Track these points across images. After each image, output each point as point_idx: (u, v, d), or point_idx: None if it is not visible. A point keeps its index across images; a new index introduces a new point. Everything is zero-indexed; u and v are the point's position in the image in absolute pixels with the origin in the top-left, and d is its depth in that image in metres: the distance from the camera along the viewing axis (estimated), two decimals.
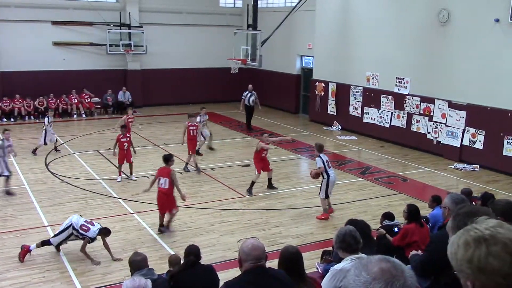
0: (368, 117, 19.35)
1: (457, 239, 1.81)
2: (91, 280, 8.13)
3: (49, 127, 15.87)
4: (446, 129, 16.23)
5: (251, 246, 3.78)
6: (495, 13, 14.39)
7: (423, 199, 11.74)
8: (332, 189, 11.02)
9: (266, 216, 11.12)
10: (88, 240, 8.64)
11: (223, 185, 13.22)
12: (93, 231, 8.62)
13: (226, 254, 9.03)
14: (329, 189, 10.83)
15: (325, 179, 10.76)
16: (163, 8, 24.61)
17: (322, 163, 10.75)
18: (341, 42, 20.18)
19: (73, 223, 8.67)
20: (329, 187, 10.80)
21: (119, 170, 13.44)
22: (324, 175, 10.76)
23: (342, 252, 4.74)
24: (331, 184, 10.87)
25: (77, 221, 8.71)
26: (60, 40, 22.89)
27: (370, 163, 15.69)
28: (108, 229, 8.94)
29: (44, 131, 15.84)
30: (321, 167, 10.76)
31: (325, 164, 10.76)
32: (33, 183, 13.07)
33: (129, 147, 13.48)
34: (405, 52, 17.43)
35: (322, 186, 10.84)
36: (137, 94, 23.97)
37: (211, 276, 5.91)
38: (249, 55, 19.06)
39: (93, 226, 8.69)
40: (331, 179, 10.79)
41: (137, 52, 23.95)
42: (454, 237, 1.86)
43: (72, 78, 22.82)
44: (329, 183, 10.76)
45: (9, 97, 21.54)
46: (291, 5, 22.60)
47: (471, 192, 8.80)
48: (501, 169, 14.61)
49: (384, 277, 1.69)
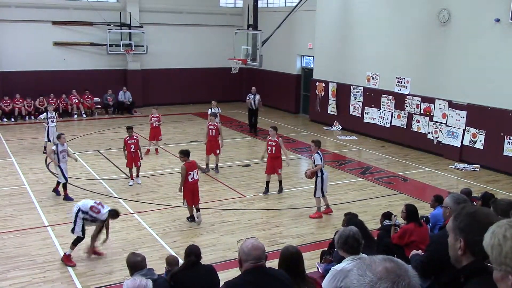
0: (369, 117, 19.35)
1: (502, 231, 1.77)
2: (91, 280, 8.13)
3: (51, 123, 15.77)
4: (446, 129, 16.22)
5: (251, 246, 3.78)
6: (496, 13, 14.38)
7: (423, 199, 11.75)
8: (327, 187, 11.02)
9: (266, 216, 11.12)
10: (100, 224, 8.69)
11: (223, 185, 13.22)
12: (103, 213, 8.67)
13: (227, 254, 9.03)
14: (324, 186, 10.82)
15: (320, 177, 10.76)
16: (164, 8, 24.61)
17: (321, 160, 10.72)
18: (342, 42, 20.18)
19: (80, 207, 8.70)
20: (324, 184, 10.81)
21: (130, 174, 13.20)
22: (319, 173, 10.76)
23: (343, 252, 4.75)
24: (326, 182, 10.89)
25: (85, 204, 8.75)
26: (60, 40, 22.90)
27: (370, 163, 15.69)
28: (118, 211, 8.98)
29: (46, 128, 15.82)
30: (319, 164, 10.74)
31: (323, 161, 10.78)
32: (33, 183, 13.07)
33: (136, 149, 12.98)
34: (406, 52, 17.43)
35: (317, 184, 10.81)
36: (137, 94, 23.97)
37: (211, 276, 5.91)
38: (249, 55, 19.04)
39: (103, 208, 8.75)
40: (325, 176, 10.83)
41: (138, 52, 23.96)
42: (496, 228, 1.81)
43: (73, 78, 22.83)
44: (323, 180, 10.78)
45: (10, 97, 21.54)
46: (291, 5, 22.59)
47: (471, 192, 8.79)
48: (501, 169, 14.60)
49: (389, 277, 1.68)
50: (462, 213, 2.55)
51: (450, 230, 2.57)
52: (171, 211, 11.29)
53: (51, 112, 16.22)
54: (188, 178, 10.34)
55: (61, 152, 11.78)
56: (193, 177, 10.47)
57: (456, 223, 2.53)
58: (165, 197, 12.13)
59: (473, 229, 2.45)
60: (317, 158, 10.74)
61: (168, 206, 11.55)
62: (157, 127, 16.24)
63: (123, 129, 19.73)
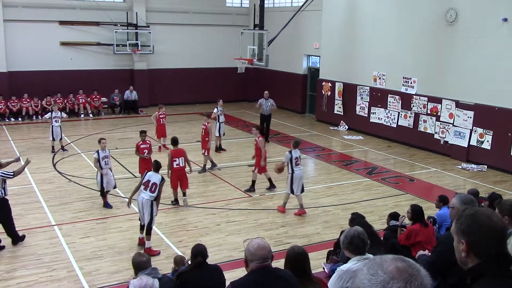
0: (375, 117, 19.30)
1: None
2: (97, 279, 8.15)
3: (55, 123, 15.81)
4: (453, 129, 16.15)
5: (257, 246, 3.78)
6: (503, 12, 14.31)
7: (430, 199, 11.70)
8: (299, 188, 11.05)
9: (272, 216, 11.11)
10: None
11: (229, 185, 13.23)
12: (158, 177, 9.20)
13: (233, 254, 9.03)
14: (294, 185, 10.94)
15: (290, 174, 10.97)
16: (170, 8, 24.66)
17: (289, 159, 10.89)
18: (348, 41, 20.14)
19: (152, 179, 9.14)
20: (293, 183, 10.93)
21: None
22: (289, 170, 10.94)
23: (349, 253, 4.74)
24: (296, 181, 10.96)
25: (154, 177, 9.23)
26: (67, 40, 23.00)
27: (377, 163, 15.65)
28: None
29: (50, 127, 15.90)
30: (283, 162, 11.09)
31: (293, 161, 10.87)
32: (40, 183, 13.13)
33: (149, 153, 12.61)
34: (412, 52, 17.36)
35: (287, 181, 11.07)
36: (143, 94, 24.04)
37: (217, 276, 5.91)
38: (255, 54, 19.03)
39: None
40: (295, 175, 10.93)
41: (144, 52, 24.02)
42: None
43: (79, 78, 22.93)
44: (293, 179, 10.92)
45: (17, 97, 21.66)
46: (297, 4, 22.59)
47: (478, 192, 8.74)
48: (508, 169, 14.52)
49: (402, 276, 1.67)
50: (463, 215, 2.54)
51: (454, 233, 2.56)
52: (177, 211, 11.31)
53: (56, 111, 16.23)
54: (173, 164, 11.29)
55: (103, 158, 11.27)
56: (178, 164, 11.34)
57: (458, 225, 2.52)
58: (171, 197, 12.13)
59: (474, 230, 2.44)
60: (286, 156, 10.98)
61: (174, 206, 11.57)
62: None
63: (129, 128, 19.88)
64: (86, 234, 9.90)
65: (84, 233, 9.94)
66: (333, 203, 11.98)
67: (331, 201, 12.09)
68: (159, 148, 16.16)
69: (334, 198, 12.35)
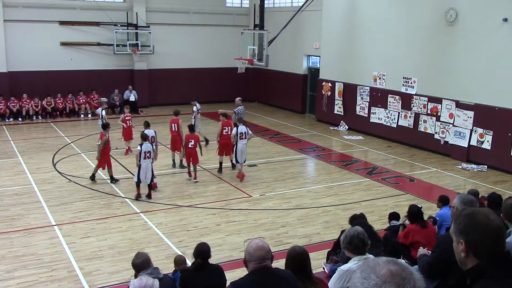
0: (375, 117, 19.30)
1: None
2: (98, 280, 8.15)
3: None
4: (453, 129, 16.15)
5: (256, 246, 3.78)
6: (503, 12, 14.31)
7: (430, 199, 11.70)
8: (242, 158, 13.46)
9: (272, 216, 11.11)
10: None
11: (229, 185, 13.23)
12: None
13: (233, 254, 9.03)
14: (238, 156, 13.39)
15: (235, 145, 13.43)
16: (170, 8, 24.66)
17: (236, 132, 13.32)
18: (348, 41, 20.14)
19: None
20: (237, 154, 13.39)
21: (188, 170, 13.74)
22: (234, 142, 13.41)
23: (349, 253, 4.74)
24: (239, 152, 13.36)
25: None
26: (67, 40, 23.00)
27: (377, 163, 15.65)
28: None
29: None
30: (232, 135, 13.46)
31: (237, 135, 13.28)
32: (40, 183, 13.13)
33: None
34: (413, 52, 17.36)
35: (233, 150, 13.60)
36: (143, 94, 24.04)
37: (219, 276, 5.92)
38: (255, 55, 19.03)
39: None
40: (238, 147, 13.35)
41: (144, 52, 24.02)
42: None
43: (80, 78, 22.93)
44: (237, 150, 13.39)
45: (17, 97, 21.66)
46: (298, 4, 22.58)
47: (478, 192, 8.73)
48: (509, 169, 14.51)
49: (394, 280, 1.67)
50: (461, 215, 2.55)
51: (452, 234, 2.57)
52: (177, 211, 11.31)
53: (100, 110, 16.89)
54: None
55: (146, 152, 11.79)
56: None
57: (456, 225, 2.53)
58: (171, 197, 12.16)
59: (472, 230, 2.45)
60: (233, 130, 13.43)
61: (174, 206, 11.58)
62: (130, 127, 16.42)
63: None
64: (86, 234, 9.90)
65: (84, 233, 9.94)
66: (333, 203, 11.98)
67: (331, 201, 12.09)
68: (126, 151, 16.00)
69: (335, 198, 12.35)
